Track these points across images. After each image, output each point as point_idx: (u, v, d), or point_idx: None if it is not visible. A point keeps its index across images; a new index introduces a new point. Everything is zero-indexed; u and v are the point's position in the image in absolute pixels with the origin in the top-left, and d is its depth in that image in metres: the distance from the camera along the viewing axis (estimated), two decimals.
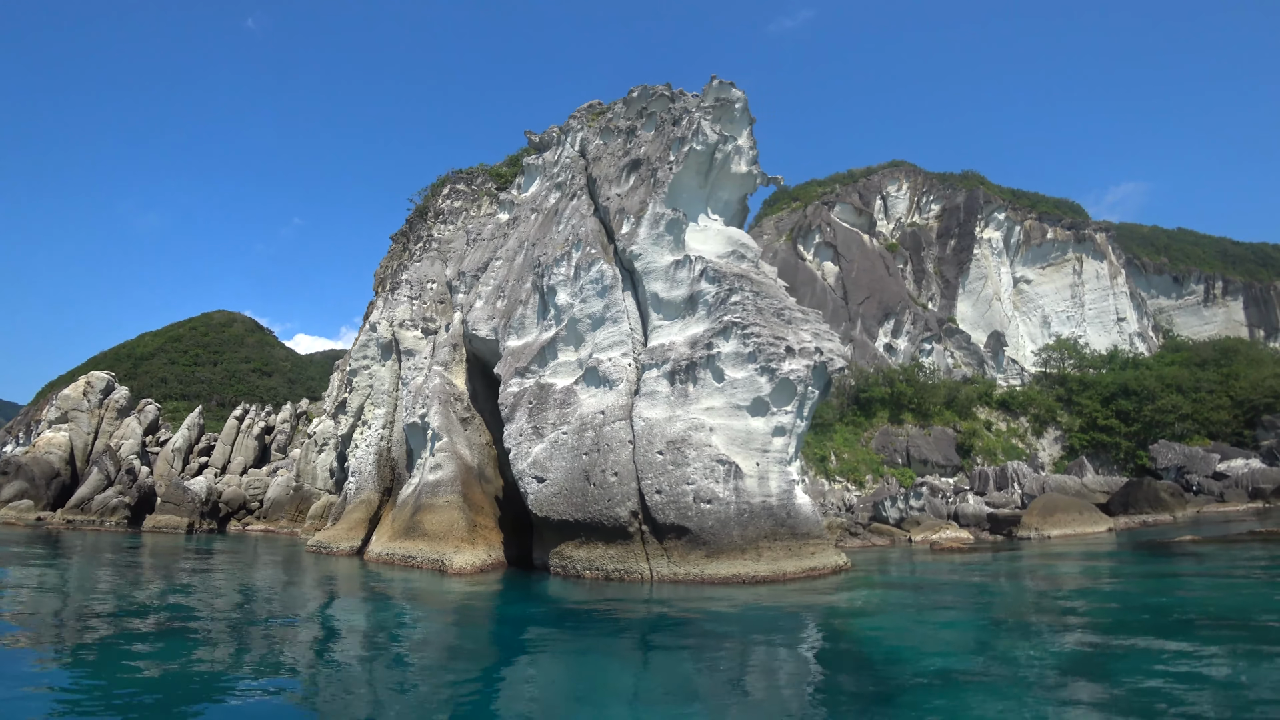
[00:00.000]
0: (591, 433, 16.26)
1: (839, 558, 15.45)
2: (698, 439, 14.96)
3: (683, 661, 7.90)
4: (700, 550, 14.10)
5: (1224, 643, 7.55)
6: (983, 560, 18.87)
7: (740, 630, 9.56)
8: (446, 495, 19.82)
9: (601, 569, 15.03)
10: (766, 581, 13.61)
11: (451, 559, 16.81)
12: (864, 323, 52.02)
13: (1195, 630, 8.36)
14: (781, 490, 15.31)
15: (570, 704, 6.25)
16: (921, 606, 11.06)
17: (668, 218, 17.75)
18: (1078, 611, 10.45)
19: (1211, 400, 46.76)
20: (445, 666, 7.77)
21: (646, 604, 12.03)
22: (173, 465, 35.20)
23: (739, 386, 15.61)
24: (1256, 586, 11.78)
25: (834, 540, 28.10)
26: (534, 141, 28.57)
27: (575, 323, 18.24)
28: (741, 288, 16.72)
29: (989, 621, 9.73)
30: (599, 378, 17.07)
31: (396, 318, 27.99)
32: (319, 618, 10.91)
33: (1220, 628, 8.44)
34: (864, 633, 9.21)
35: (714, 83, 22.17)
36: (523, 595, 13.79)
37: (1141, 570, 14.93)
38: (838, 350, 17.26)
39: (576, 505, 15.71)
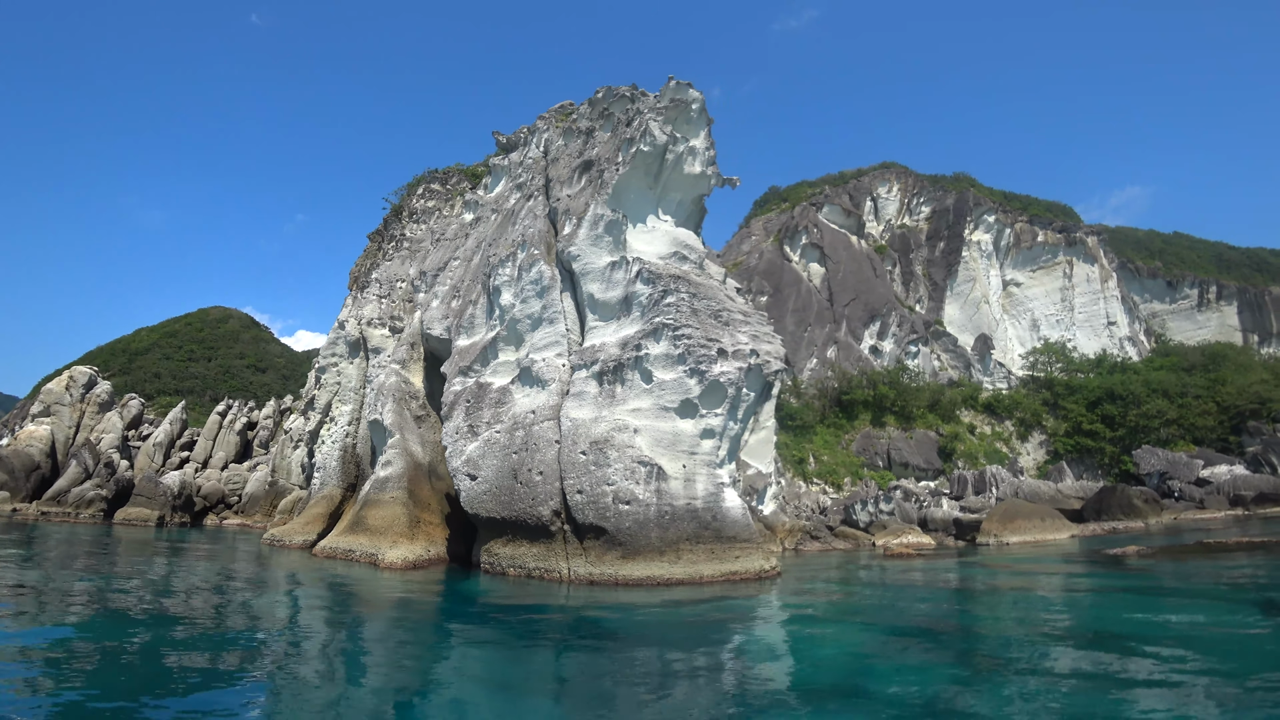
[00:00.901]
0: (522, 432, 16.46)
1: (766, 562, 15.50)
2: (620, 440, 15.11)
3: (538, 663, 8.08)
4: (616, 551, 14.25)
5: (1012, 663, 7.56)
6: (925, 566, 18.86)
7: (618, 634, 9.73)
8: (392, 492, 20.12)
9: (524, 567, 15.24)
10: (682, 584, 13.74)
11: (385, 554, 17.09)
12: (849, 324, 51.88)
13: (1006, 648, 8.40)
14: (708, 493, 15.41)
15: (414, 699, 6.43)
16: (812, 616, 11.12)
17: (607, 219, 17.90)
18: (948, 627, 10.51)
19: (1197, 406, 46.26)
20: (309, 659, 7.99)
21: (548, 604, 12.21)
22: (153, 459, 35.82)
23: (667, 388, 15.74)
24: (1128, 603, 11.70)
25: (794, 543, 28.19)
26: (501, 142, 28.81)
27: (515, 323, 18.45)
28: (677, 289, 16.83)
29: (863, 633, 9.76)
30: (532, 378, 17.27)
31: (365, 316, 28.35)
32: (212, 608, 11.16)
33: (1038, 644, 8.49)
34: (735, 641, 9.29)
35: (671, 83, 22.25)
36: (433, 591, 14.02)
37: (1059, 583, 14.87)
38: (775, 352, 17.34)
39: (504, 503, 15.91)
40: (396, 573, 16.27)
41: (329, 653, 8.35)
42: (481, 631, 10.04)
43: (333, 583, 14.86)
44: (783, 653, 8.52)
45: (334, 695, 6.43)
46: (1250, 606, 9.90)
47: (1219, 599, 11.10)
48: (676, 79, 22.45)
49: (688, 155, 21.22)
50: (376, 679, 7.20)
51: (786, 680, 7.09)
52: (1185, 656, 7.36)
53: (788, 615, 10.98)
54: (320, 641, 8.99)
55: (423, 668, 7.78)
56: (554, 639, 9.38)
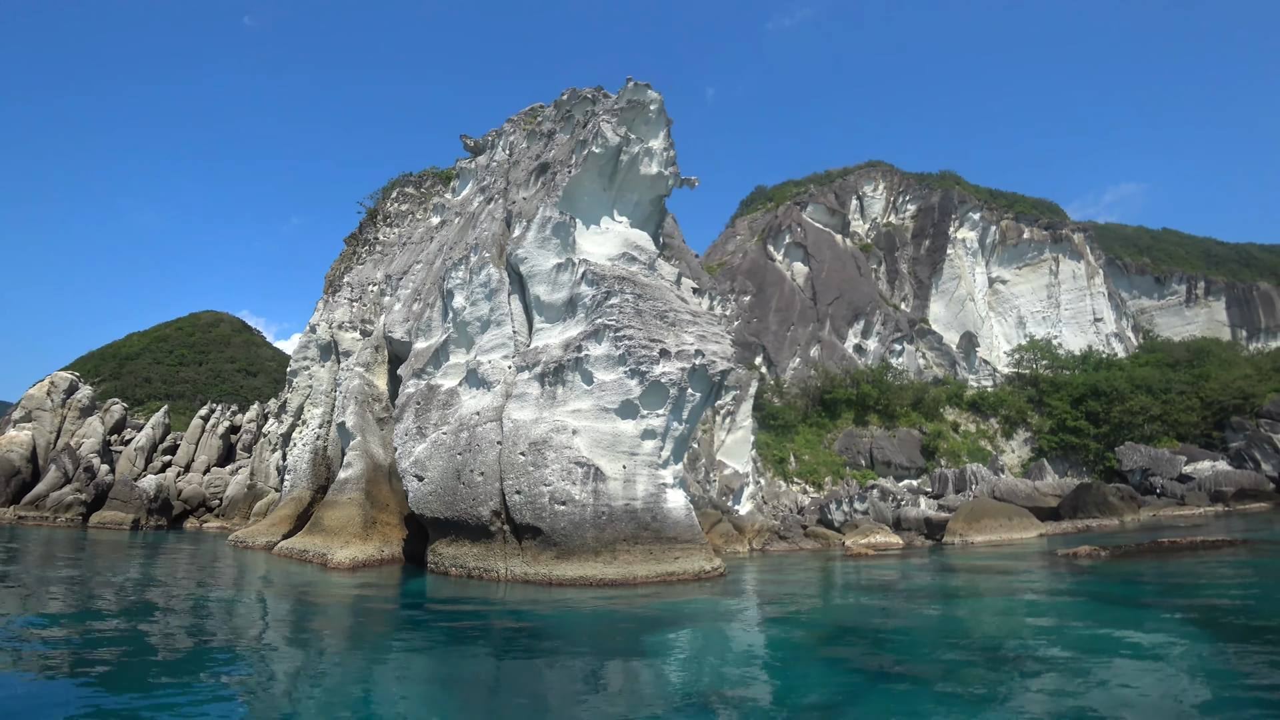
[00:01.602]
0: (466, 433, 16.63)
1: (709, 563, 15.56)
2: (558, 441, 15.25)
3: (436, 661, 8.23)
4: (551, 551, 14.40)
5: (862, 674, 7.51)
6: (877, 566, 18.87)
7: (525, 634, 9.89)
8: (350, 493, 20.33)
9: (465, 566, 15.40)
10: (615, 585, 13.85)
11: (334, 554, 17.29)
12: (833, 323, 51.90)
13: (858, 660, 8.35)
14: (648, 494, 15.54)
15: (311, 697, 6.57)
16: (727, 618, 11.16)
17: (554, 221, 18.05)
18: (856, 629, 10.54)
19: (1181, 402, 46.11)
20: (196, 656, 8.15)
21: (475, 603, 12.38)
22: (134, 464, 36.17)
23: (607, 389, 15.87)
24: (1042, 608, 11.69)
25: (762, 543, 28.24)
26: (469, 146, 29.01)
27: (465, 325, 18.63)
28: (622, 290, 16.96)
29: (770, 636, 9.74)
30: (479, 379, 17.44)
31: (336, 319, 28.58)
32: (127, 606, 11.32)
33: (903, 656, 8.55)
34: (641, 643, 9.20)
35: (629, 85, 22.37)
36: (368, 589, 14.17)
37: (991, 585, 14.86)
38: (722, 353, 17.47)
39: (447, 504, 16.09)
40: (343, 572, 16.45)
41: (223, 649, 8.51)
42: (393, 629, 10.20)
43: (271, 581, 15.08)
44: (678, 656, 8.57)
45: (216, 692, 6.58)
46: (1168, 616, 9.69)
47: (1141, 605, 10.97)
48: (635, 80, 22.58)
49: (644, 156, 21.33)
50: (271, 674, 7.35)
51: (673, 685, 7.15)
52: (1061, 667, 7.38)
53: (703, 618, 11.04)
54: (222, 639, 9.15)
55: (324, 665, 7.92)
56: (462, 637, 9.52)
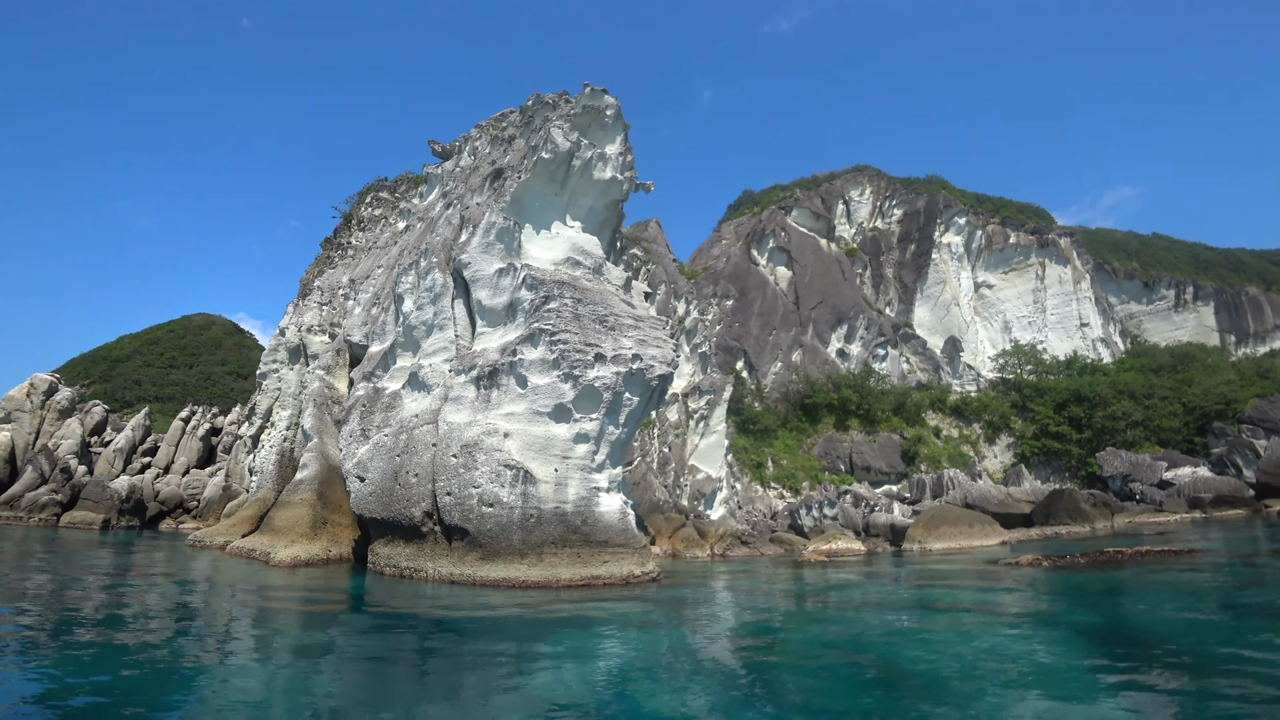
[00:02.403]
0: (405, 435, 16.83)
1: (640, 567, 15.57)
2: (489, 443, 15.43)
3: (318, 658, 8.39)
4: (477, 552, 14.56)
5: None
6: (818, 575, 18.57)
7: (415, 632, 10.04)
8: (302, 494, 20.56)
9: (398, 566, 15.58)
10: (538, 587, 13.98)
11: (277, 553, 17.52)
12: (816, 328, 51.92)
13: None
14: (580, 497, 15.68)
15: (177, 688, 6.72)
16: (628, 623, 11.21)
17: (498, 226, 18.27)
18: (738, 642, 10.25)
19: (1163, 407, 45.88)
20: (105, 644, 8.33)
21: (391, 602, 12.55)
22: (113, 465, 36.56)
23: (541, 392, 16.05)
24: (944, 624, 11.40)
25: (723, 548, 28.23)
26: (437, 151, 29.32)
27: (412, 329, 18.85)
28: (561, 295, 17.15)
29: (661, 645, 9.42)
30: (419, 383, 17.65)
31: (305, 323, 28.91)
32: (51, 599, 11.52)
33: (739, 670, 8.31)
34: (514, 650, 9.04)
35: (586, 90, 22.61)
36: (296, 587, 14.33)
37: (911, 596, 14.37)
38: (662, 357, 17.62)
39: (384, 504, 16.28)
40: (283, 570, 16.68)
41: (134, 640, 8.67)
42: (292, 624, 10.36)
43: (204, 577, 15.33)
44: (543, 665, 8.52)
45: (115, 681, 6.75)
46: (1054, 631, 9.43)
47: (1037, 618, 10.57)
48: (592, 85, 22.85)
49: (597, 161, 21.54)
50: (177, 665, 7.49)
51: (511, 695, 7.19)
52: (886, 684, 7.16)
53: (597, 624, 10.96)
54: (133, 632, 9.30)
55: (207, 655, 8.07)
56: (350, 631, 9.69)
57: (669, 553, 25.82)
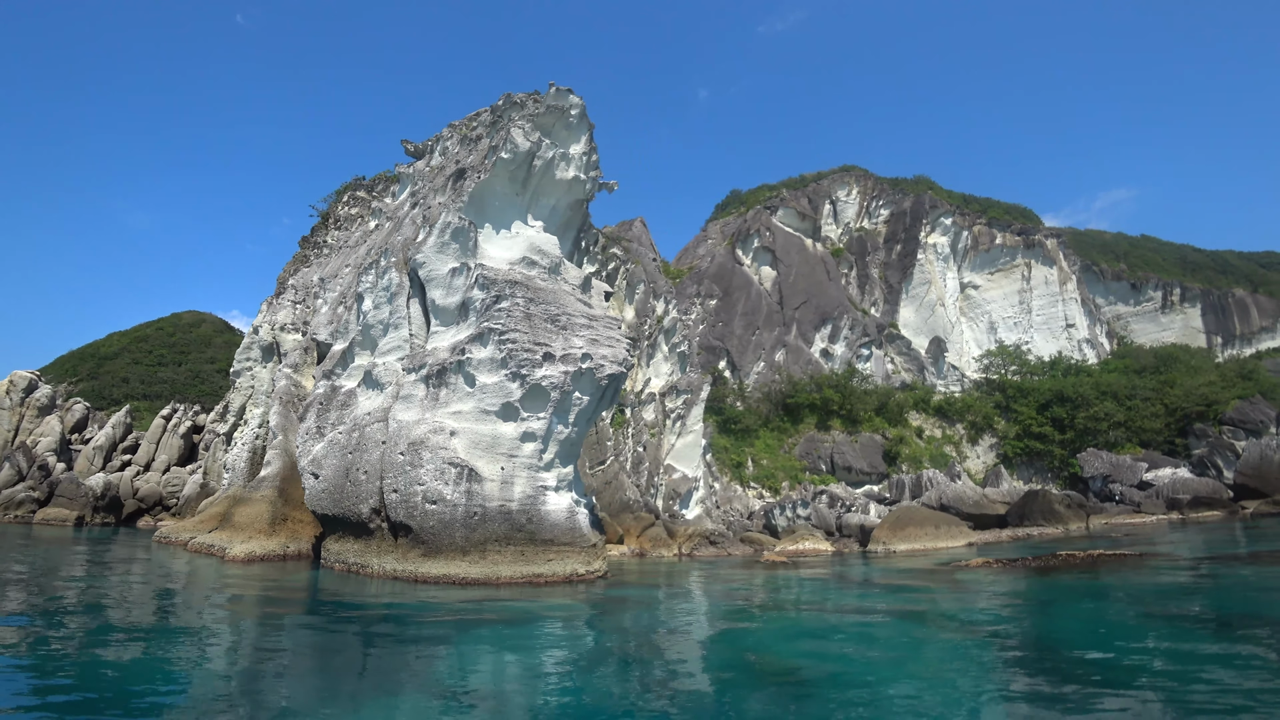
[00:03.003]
0: (357, 433, 16.95)
1: (584, 566, 15.60)
2: (435, 441, 15.54)
3: (238, 644, 8.51)
4: (419, 549, 14.68)
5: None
6: (769, 575, 18.37)
7: (343, 625, 10.15)
8: (264, 491, 20.69)
9: (346, 562, 15.72)
10: (478, 584, 14.11)
11: (232, 548, 17.67)
12: (800, 328, 52.00)
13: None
14: (526, 495, 15.79)
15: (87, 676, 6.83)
16: (548, 623, 11.31)
17: (454, 226, 18.36)
18: (641, 649, 9.69)
19: (1145, 408, 45.92)
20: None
21: (325, 594, 12.67)
22: (93, 463, 36.72)
23: (488, 391, 16.15)
24: (857, 632, 10.42)
25: (690, 548, 28.26)
26: (409, 150, 29.41)
27: (369, 328, 18.97)
28: (512, 294, 17.25)
29: (568, 648, 9.35)
30: (373, 381, 17.77)
31: (278, 321, 29.03)
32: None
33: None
34: (439, 646, 9.21)
35: (551, 90, 22.71)
36: (242, 580, 14.43)
37: (850, 602, 13.87)
38: (613, 356, 17.72)
39: (336, 501, 16.40)
40: (237, 565, 16.84)
41: (63, 629, 8.79)
42: (224, 616, 10.46)
43: (157, 572, 15.44)
44: (458, 656, 8.62)
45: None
46: (955, 636, 9.30)
47: (955, 628, 10.16)
48: (557, 85, 22.93)
49: (560, 161, 21.64)
50: (101, 653, 7.61)
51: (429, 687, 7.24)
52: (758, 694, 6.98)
53: (521, 620, 11.05)
54: (54, 624, 9.42)
55: (130, 644, 8.17)
56: (271, 625, 9.81)
57: (636, 552, 25.92)
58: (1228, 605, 11.29)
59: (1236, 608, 11.02)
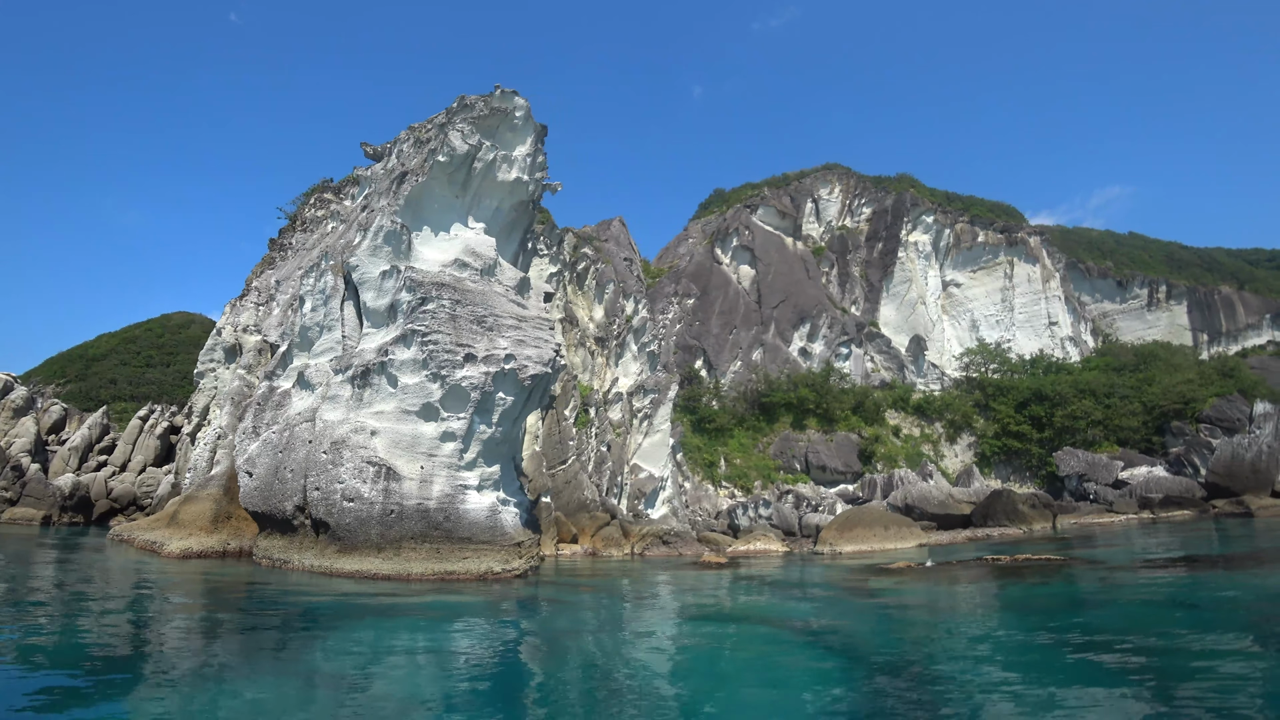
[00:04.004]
0: (288, 433, 17.24)
1: (501, 565, 15.65)
2: (356, 441, 15.80)
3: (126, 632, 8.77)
4: (336, 545, 14.95)
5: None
6: (694, 577, 18.21)
7: (227, 615, 10.42)
8: (210, 490, 21.02)
9: (272, 558, 16.01)
10: (390, 579, 14.36)
11: (169, 544, 18.03)
12: (778, 326, 52.00)
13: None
14: (444, 494, 16.02)
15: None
16: (412, 613, 11.51)
17: (386, 229, 18.61)
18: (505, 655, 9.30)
19: (1123, 406, 45.64)
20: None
21: (233, 586, 12.94)
22: (68, 464, 37.28)
23: (410, 392, 16.40)
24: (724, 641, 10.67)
25: (643, 548, 28.40)
26: (369, 153, 29.69)
27: (306, 330, 19.26)
28: (439, 296, 17.48)
29: (428, 648, 9.30)
30: (305, 382, 18.05)
31: (241, 322, 29.41)
32: None
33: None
34: (312, 642, 9.45)
35: (496, 92, 22.93)
36: (164, 573, 14.76)
37: (740, 609, 13.44)
38: (539, 357, 17.92)
39: (265, 499, 16.71)
40: (173, 560, 17.19)
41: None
42: (123, 604, 10.71)
43: (92, 566, 15.80)
44: (322, 648, 8.82)
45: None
46: (796, 651, 9.24)
47: (800, 641, 10.06)
48: (502, 87, 23.14)
49: (502, 163, 21.86)
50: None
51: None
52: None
53: (389, 613, 11.17)
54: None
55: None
56: (169, 611, 10.07)
57: (589, 551, 26.11)
58: (1090, 625, 10.36)
59: (1093, 626, 10.16)
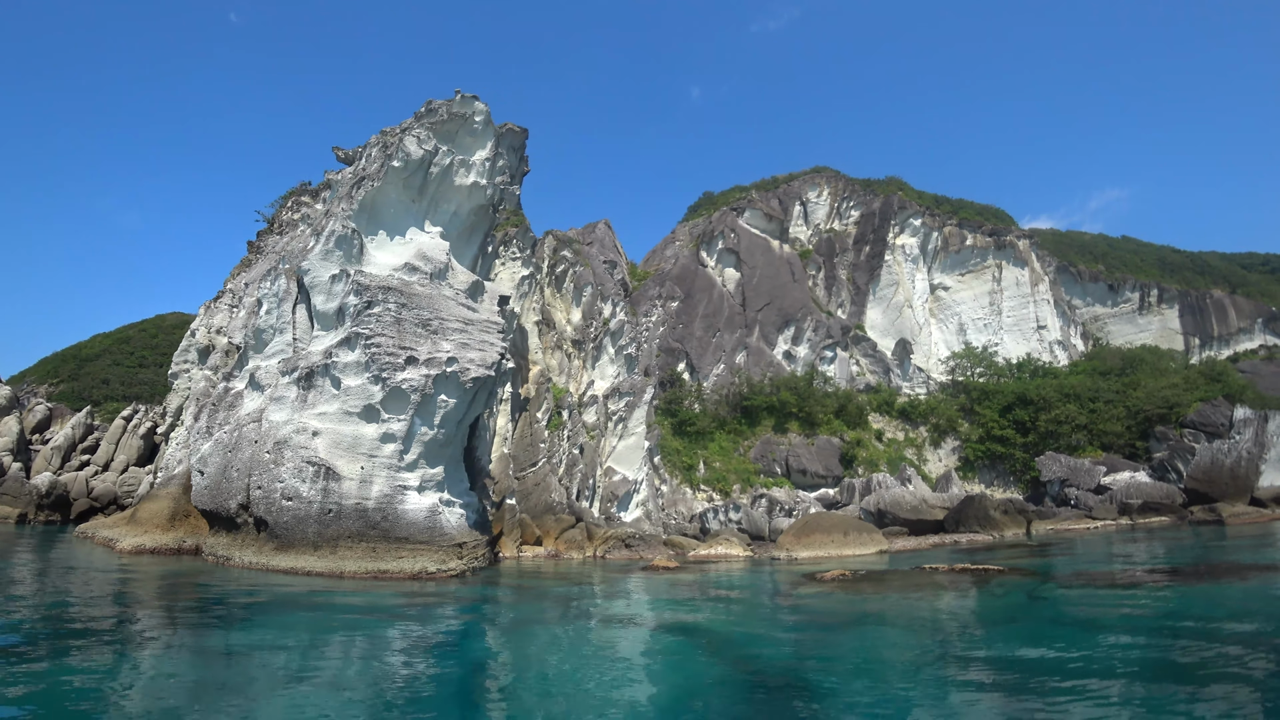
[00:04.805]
0: (237, 433, 17.50)
1: (437, 565, 15.74)
2: (298, 441, 16.02)
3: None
4: (274, 543, 15.18)
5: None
6: (637, 582, 17.73)
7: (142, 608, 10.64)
8: (171, 488, 21.33)
9: (218, 554, 16.28)
10: (323, 577, 14.57)
11: (122, 541, 18.35)
12: (762, 329, 52.01)
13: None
14: (383, 494, 16.21)
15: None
16: (307, 604, 11.70)
17: (338, 234, 18.87)
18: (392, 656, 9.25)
19: (1108, 411, 45.33)
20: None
21: (165, 581, 13.18)
22: (51, 463, 37.81)
23: (352, 394, 16.62)
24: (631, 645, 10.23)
25: (604, 550, 28.40)
26: (341, 157, 30.04)
27: (261, 332, 19.54)
28: (385, 300, 17.71)
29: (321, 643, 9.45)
30: (255, 383, 18.32)
31: (214, 324, 29.79)
32: None
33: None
34: (208, 629, 9.82)
35: (457, 97, 23.23)
36: (108, 569, 15.02)
37: (658, 616, 12.83)
38: (483, 360, 18.11)
39: (214, 497, 16.98)
40: (125, 556, 17.49)
41: None
42: (60, 597, 10.94)
43: (44, 561, 16.12)
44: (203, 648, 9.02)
45: None
46: (658, 657, 9.17)
47: (675, 648, 9.92)
48: (463, 92, 23.41)
49: (459, 167, 22.12)
50: None
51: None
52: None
53: (287, 609, 11.37)
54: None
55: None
56: (97, 600, 10.30)
57: (551, 553, 26.21)
58: (977, 639, 9.93)
59: (979, 641, 9.72)
